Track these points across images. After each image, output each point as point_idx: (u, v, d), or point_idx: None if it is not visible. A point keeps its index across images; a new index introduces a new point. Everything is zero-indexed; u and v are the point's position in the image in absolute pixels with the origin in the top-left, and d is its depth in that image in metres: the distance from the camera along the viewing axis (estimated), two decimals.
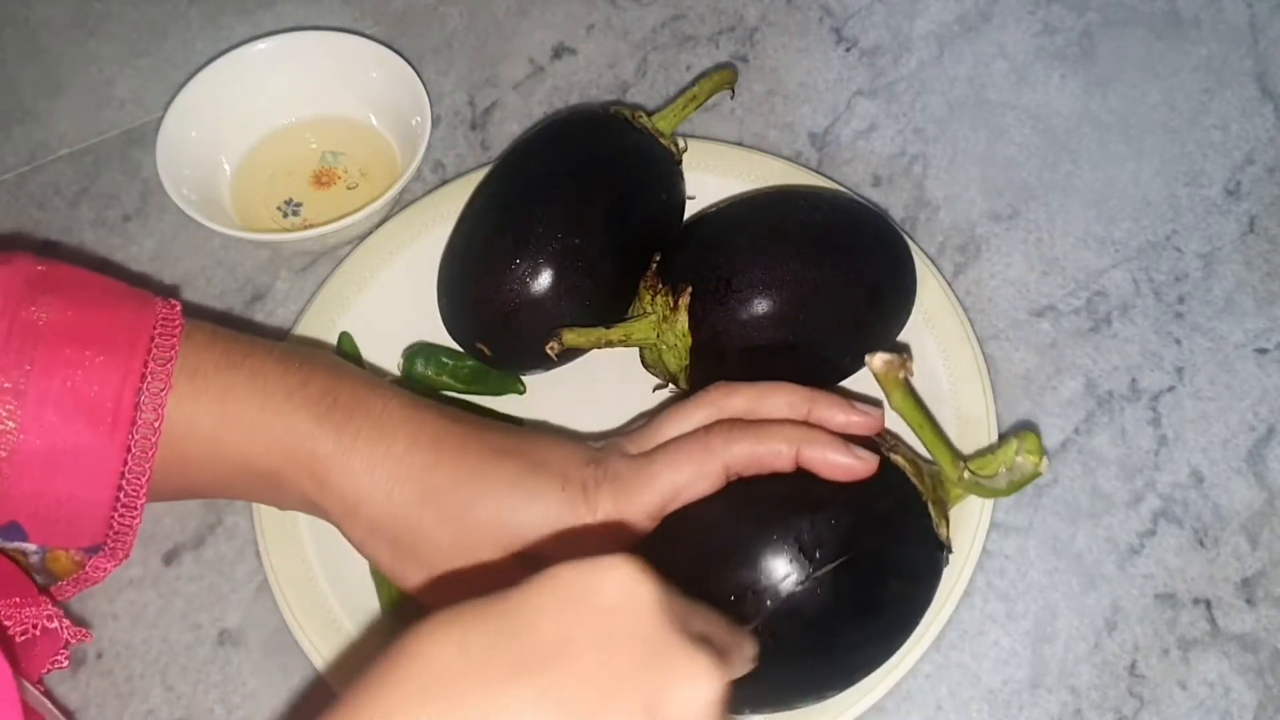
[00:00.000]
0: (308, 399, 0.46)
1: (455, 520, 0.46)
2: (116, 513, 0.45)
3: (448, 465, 0.47)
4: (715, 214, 0.59)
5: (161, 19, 0.78)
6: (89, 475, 0.44)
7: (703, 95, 0.62)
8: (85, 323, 0.44)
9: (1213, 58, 0.72)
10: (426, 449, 0.47)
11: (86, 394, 0.43)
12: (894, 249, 0.58)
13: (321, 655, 0.52)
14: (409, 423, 0.47)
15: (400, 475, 0.46)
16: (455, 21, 0.77)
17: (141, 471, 0.45)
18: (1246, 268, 0.65)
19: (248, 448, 0.46)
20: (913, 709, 0.53)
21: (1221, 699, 0.53)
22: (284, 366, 0.47)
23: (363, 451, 0.46)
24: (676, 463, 0.47)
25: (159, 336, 0.45)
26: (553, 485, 0.47)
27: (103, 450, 0.43)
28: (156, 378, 0.44)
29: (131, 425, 0.44)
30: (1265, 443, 0.59)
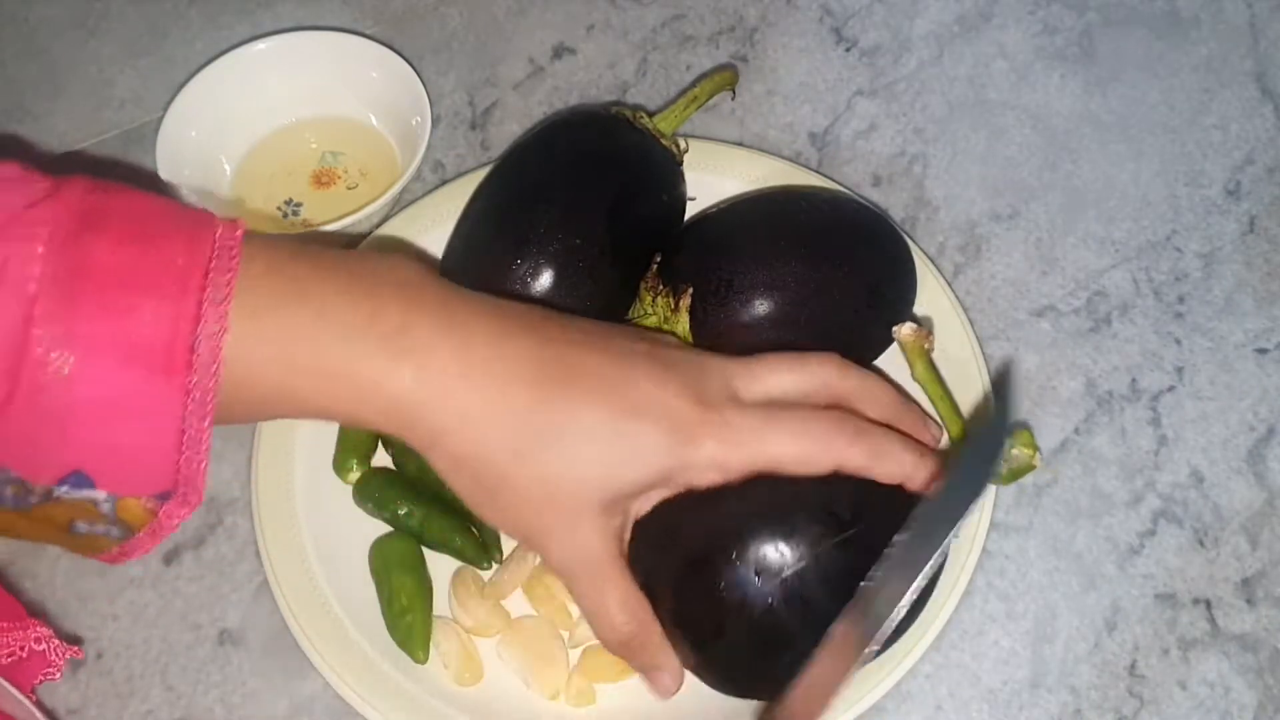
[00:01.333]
0: (381, 337, 0.43)
1: (551, 471, 0.44)
2: (182, 456, 0.43)
3: (543, 410, 0.44)
4: (715, 215, 0.59)
5: (161, 19, 0.78)
6: (149, 421, 0.41)
7: (704, 96, 0.62)
8: (136, 263, 0.41)
9: (1213, 58, 0.72)
10: (520, 390, 0.44)
11: (139, 339, 0.40)
12: (893, 249, 0.58)
13: (321, 655, 0.52)
14: (500, 359, 0.44)
15: (490, 417, 0.44)
16: (455, 21, 0.77)
17: (202, 415, 0.42)
18: (1246, 268, 0.65)
19: (318, 394, 0.43)
20: (913, 709, 0.53)
21: (1221, 699, 0.53)
22: (351, 298, 0.43)
23: (447, 389, 0.43)
24: (795, 438, 0.46)
25: (214, 273, 0.42)
26: (657, 432, 0.44)
27: (160, 396, 0.41)
28: (210, 320, 0.41)
29: (188, 370, 0.41)
30: (1265, 443, 0.59)
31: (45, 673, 0.52)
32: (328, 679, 0.52)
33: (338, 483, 0.58)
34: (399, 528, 0.57)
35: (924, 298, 0.60)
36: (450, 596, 0.55)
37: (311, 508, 0.57)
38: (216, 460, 0.61)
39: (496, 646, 0.54)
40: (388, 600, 0.54)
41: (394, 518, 0.56)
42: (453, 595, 0.55)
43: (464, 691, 0.53)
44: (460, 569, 0.56)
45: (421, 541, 0.56)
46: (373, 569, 0.56)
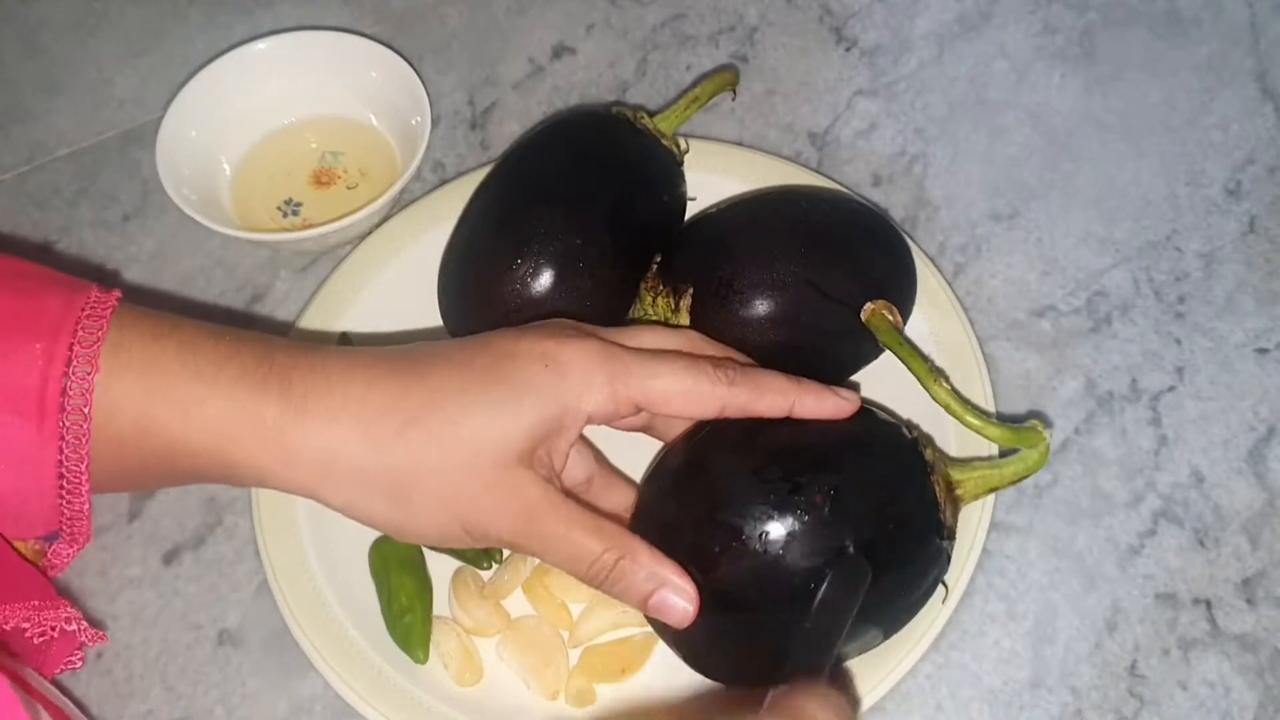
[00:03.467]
0: (242, 368, 0.43)
1: (447, 440, 0.43)
2: (63, 500, 0.43)
3: (416, 389, 0.44)
4: (715, 215, 0.59)
5: (161, 19, 0.78)
6: (25, 467, 0.42)
7: (705, 96, 0.62)
8: (9, 311, 0.42)
9: (1213, 57, 0.72)
10: (387, 382, 0.44)
11: (10, 384, 0.41)
12: (894, 248, 0.58)
13: (321, 655, 0.52)
14: (357, 367, 0.45)
15: (369, 415, 0.43)
16: (455, 21, 0.77)
17: (79, 459, 0.42)
18: (1247, 267, 0.65)
19: (183, 424, 0.43)
20: (913, 709, 0.53)
21: (1221, 699, 0.53)
22: (214, 339, 0.44)
23: (317, 407, 0.43)
24: (681, 375, 0.46)
25: (85, 319, 0.42)
26: (534, 368, 0.44)
27: (35, 440, 0.41)
28: (82, 361, 0.41)
29: (60, 413, 0.41)
30: (1265, 443, 0.59)
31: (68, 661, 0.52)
32: (328, 679, 0.52)
33: None
34: None
35: (924, 298, 0.60)
36: (450, 596, 0.55)
37: (312, 508, 0.56)
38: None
39: (496, 646, 0.54)
40: (388, 600, 0.54)
41: None
42: (453, 595, 0.55)
43: (464, 691, 0.53)
44: (460, 569, 0.56)
45: None
46: (373, 569, 0.55)
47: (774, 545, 0.44)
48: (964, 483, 0.49)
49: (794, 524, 0.45)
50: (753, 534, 0.45)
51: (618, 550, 0.44)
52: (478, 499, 0.44)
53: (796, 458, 0.46)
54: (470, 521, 0.45)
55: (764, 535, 0.45)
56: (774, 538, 0.44)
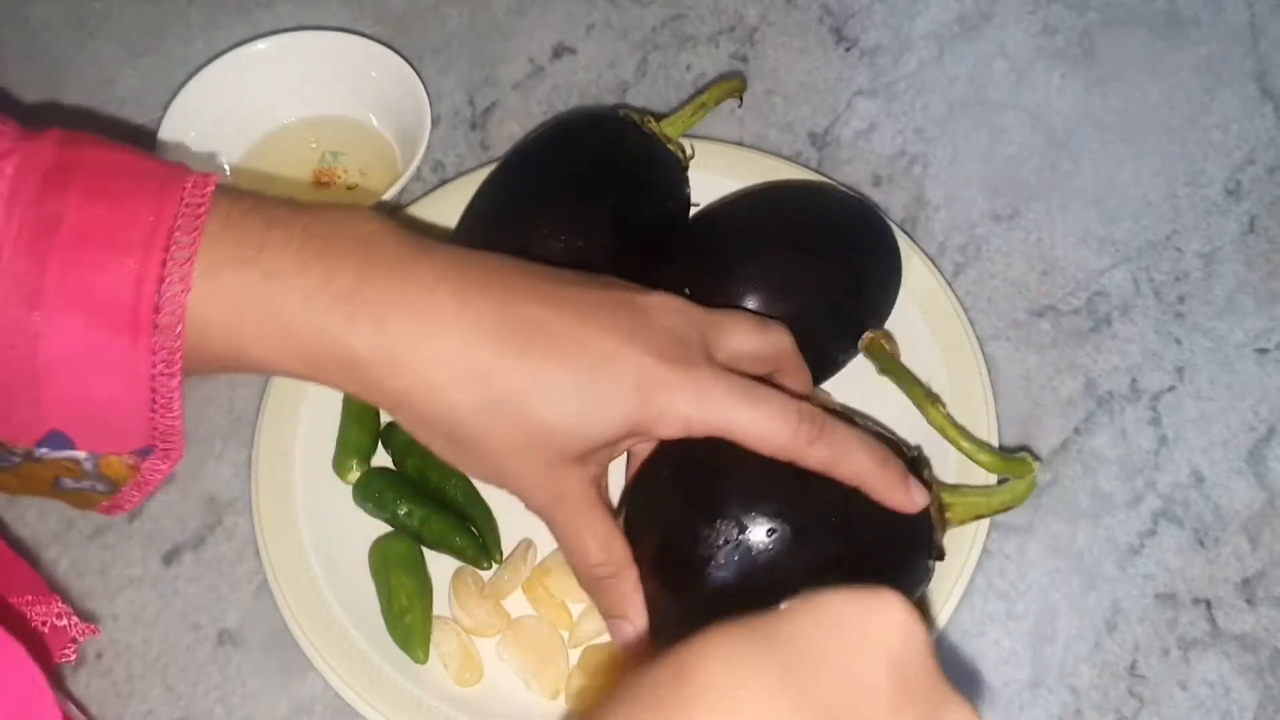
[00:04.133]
0: (332, 300, 0.42)
1: (517, 429, 0.44)
2: (156, 413, 0.42)
3: (508, 368, 0.43)
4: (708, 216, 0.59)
5: (161, 19, 0.78)
6: (119, 379, 0.41)
7: (712, 102, 0.62)
8: (103, 219, 0.41)
9: (1213, 58, 0.72)
10: (483, 346, 0.43)
11: (104, 298, 0.40)
12: (872, 233, 0.58)
13: (321, 655, 0.52)
14: (460, 316, 0.43)
15: (454, 378, 0.43)
16: (455, 21, 0.77)
17: (171, 374, 0.42)
18: (1247, 268, 0.65)
19: (272, 352, 0.43)
20: None
21: (1221, 699, 0.53)
22: (302, 260, 0.42)
23: (407, 352, 0.42)
24: (765, 415, 0.45)
25: (179, 231, 0.41)
26: (624, 387, 0.44)
27: (128, 355, 0.41)
28: (175, 279, 0.41)
29: (153, 329, 0.41)
30: (1265, 443, 0.59)
31: (61, 653, 0.52)
32: (328, 679, 0.52)
33: (338, 483, 0.58)
34: (399, 528, 0.57)
35: (924, 298, 0.60)
36: (450, 596, 0.55)
37: (311, 508, 0.57)
38: (216, 460, 0.61)
39: (496, 646, 0.54)
40: (388, 600, 0.54)
41: (394, 518, 0.56)
42: (453, 595, 0.55)
43: (464, 691, 0.53)
44: (460, 569, 0.56)
45: (421, 541, 0.56)
46: (373, 569, 0.55)
47: (763, 552, 0.46)
48: (954, 506, 0.50)
49: (782, 538, 0.46)
50: (745, 539, 0.46)
51: (611, 568, 0.47)
52: (524, 477, 0.46)
53: (797, 478, 0.46)
54: (509, 485, 0.46)
55: (755, 542, 0.46)
56: (764, 546, 0.46)
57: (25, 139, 0.42)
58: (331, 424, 0.59)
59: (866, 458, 0.46)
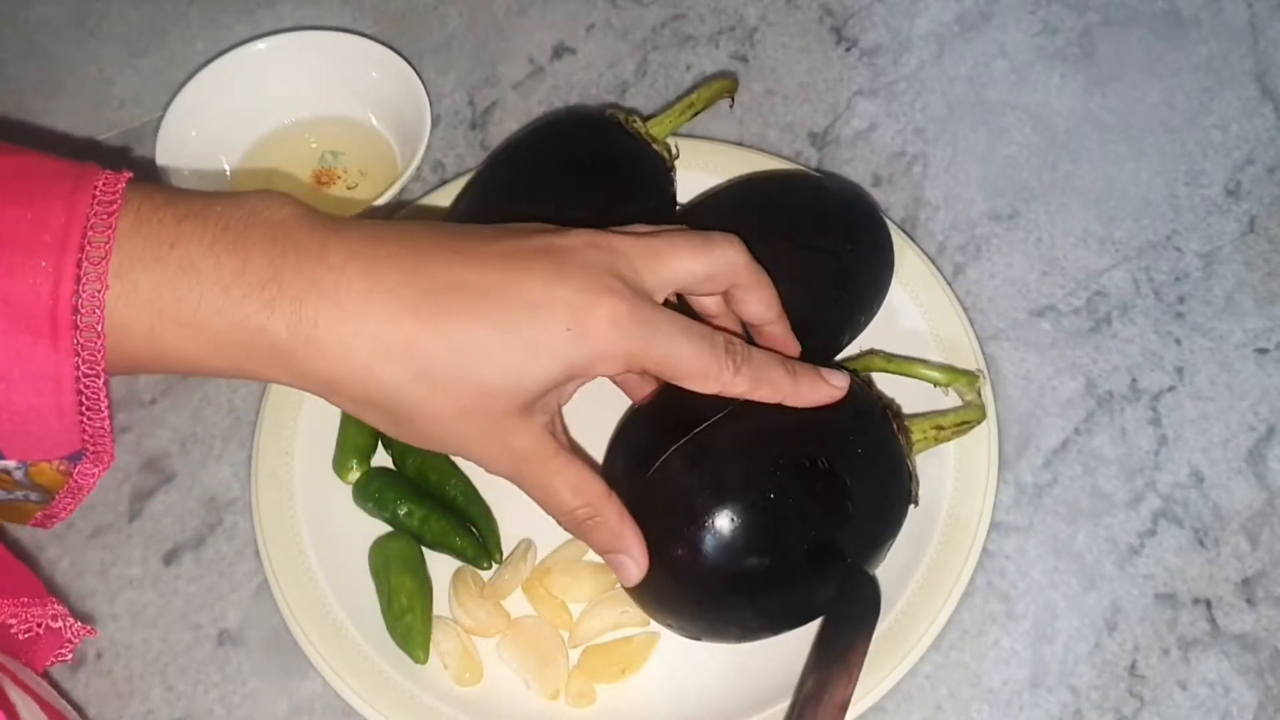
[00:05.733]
0: (247, 290, 0.41)
1: (453, 394, 0.43)
2: (84, 417, 0.42)
3: (430, 335, 0.42)
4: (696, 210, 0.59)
5: (161, 19, 0.78)
6: (43, 384, 0.41)
7: (700, 103, 0.62)
8: (12, 222, 0.40)
9: (1213, 58, 0.72)
10: (404, 319, 0.42)
11: (21, 302, 0.39)
12: (857, 215, 0.58)
13: (321, 655, 0.52)
14: (373, 292, 0.42)
15: (378, 354, 0.42)
16: (455, 21, 0.77)
17: (96, 375, 0.41)
18: (1246, 268, 0.65)
19: (195, 347, 0.42)
20: (913, 709, 0.53)
21: (1221, 699, 0.53)
22: (216, 253, 0.41)
23: (326, 334, 0.42)
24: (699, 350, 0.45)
25: (92, 230, 0.40)
26: (554, 329, 0.43)
27: (50, 358, 0.40)
28: (91, 279, 0.40)
29: (74, 330, 0.40)
30: (1265, 443, 0.59)
31: (58, 654, 0.52)
32: (328, 679, 0.52)
33: (338, 483, 0.58)
34: (399, 528, 0.57)
35: (924, 298, 0.60)
36: (450, 596, 0.55)
37: (311, 508, 0.57)
38: (216, 460, 0.61)
39: (496, 646, 0.54)
40: (388, 600, 0.54)
41: (394, 518, 0.56)
42: (453, 595, 0.55)
43: (464, 691, 0.53)
44: (460, 569, 0.56)
45: (421, 541, 0.56)
46: (373, 569, 0.56)
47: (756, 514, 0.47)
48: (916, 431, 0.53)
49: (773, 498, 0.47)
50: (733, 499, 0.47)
51: (590, 509, 0.46)
52: (473, 441, 0.45)
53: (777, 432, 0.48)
54: (461, 452, 0.46)
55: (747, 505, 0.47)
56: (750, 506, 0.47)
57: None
58: (331, 424, 0.59)
59: (781, 374, 0.48)
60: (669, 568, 0.47)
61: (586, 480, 0.46)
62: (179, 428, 0.62)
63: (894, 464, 0.50)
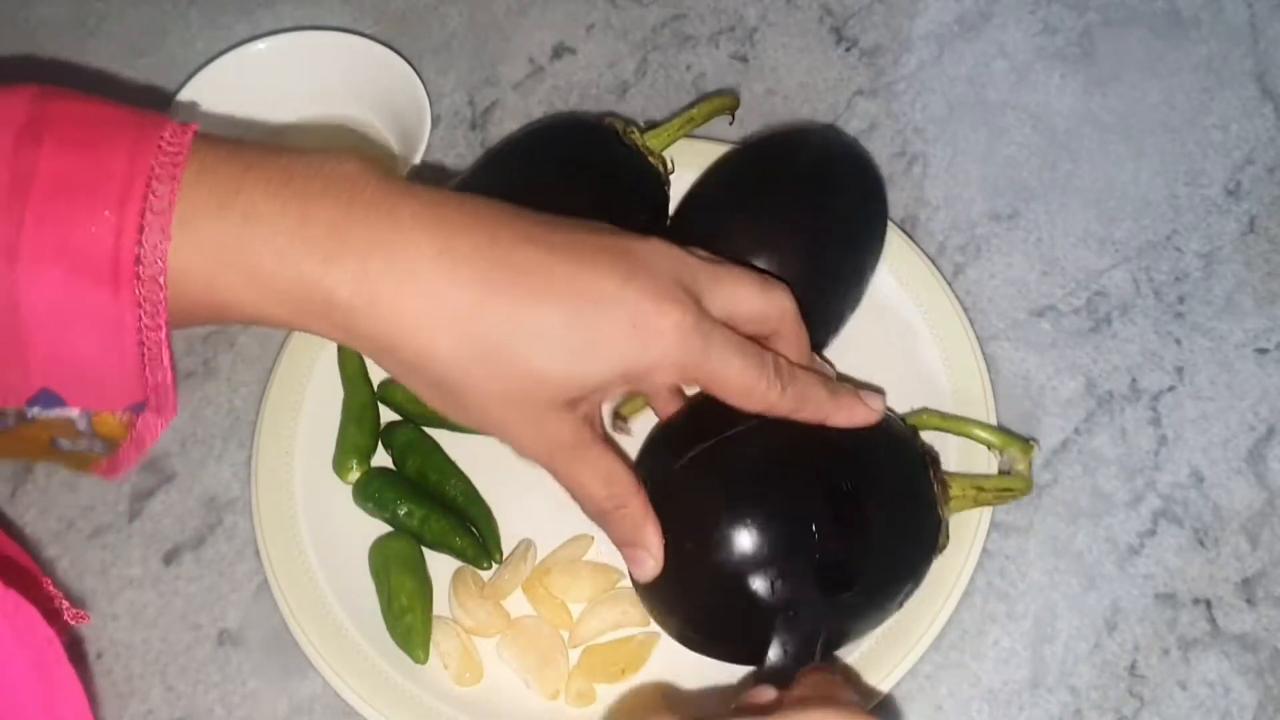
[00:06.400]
0: (310, 242, 0.41)
1: (506, 376, 0.43)
2: (145, 366, 0.41)
3: (495, 311, 0.42)
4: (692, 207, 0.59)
5: (161, 19, 0.78)
6: (105, 333, 0.40)
7: (700, 118, 0.62)
8: (76, 170, 0.40)
9: (1213, 58, 0.72)
10: (468, 288, 0.41)
11: (83, 250, 0.39)
12: (845, 169, 0.58)
13: (321, 655, 0.52)
14: (444, 257, 0.41)
15: (440, 323, 0.42)
16: (455, 21, 0.77)
17: (156, 326, 0.41)
18: (1246, 268, 0.65)
19: (255, 298, 0.42)
20: (913, 709, 0.53)
21: (1221, 699, 0.53)
22: (280, 201, 0.41)
23: (389, 295, 0.41)
24: (751, 369, 0.45)
25: (156, 180, 0.40)
26: (618, 329, 0.43)
27: (111, 307, 0.40)
28: (153, 230, 0.39)
29: (135, 280, 0.40)
30: (1265, 443, 0.59)
31: None
32: (328, 679, 0.52)
33: (338, 483, 0.58)
34: (399, 528, 0.57)
35: (924, 298, 0.60)
36: (450, 596, 0.55)
37: (311, 508, 0.57)
38: (216, 461, 0.61)
39: (496, 646, 0.54)
40: (388, 600, 0.54)
41: (394, 518, 0.56)
42: (453, 595, 0.55)
43: (464, 691, 0.53)
44: (460, 569, 0.56)
45: (421, 541, 0.56)
46: (373, 569, 0.56)
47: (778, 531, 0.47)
48: (955, 488, 0.52)
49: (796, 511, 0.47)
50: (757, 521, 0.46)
51: (617, 500, 0.46)
52: (511, 424, 0.45)
53: (808, 451, 0.48)
54: (498, 434, 0.45)
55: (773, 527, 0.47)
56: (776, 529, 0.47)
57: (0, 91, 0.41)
58: (331, 424, 0.59)
59: (823, 395, 0.48)
60: (678, 561, 0.47)
61: (617, 471, 0.46)
62: (179, 428, 0.62)
63: (924, 509, 0.50)
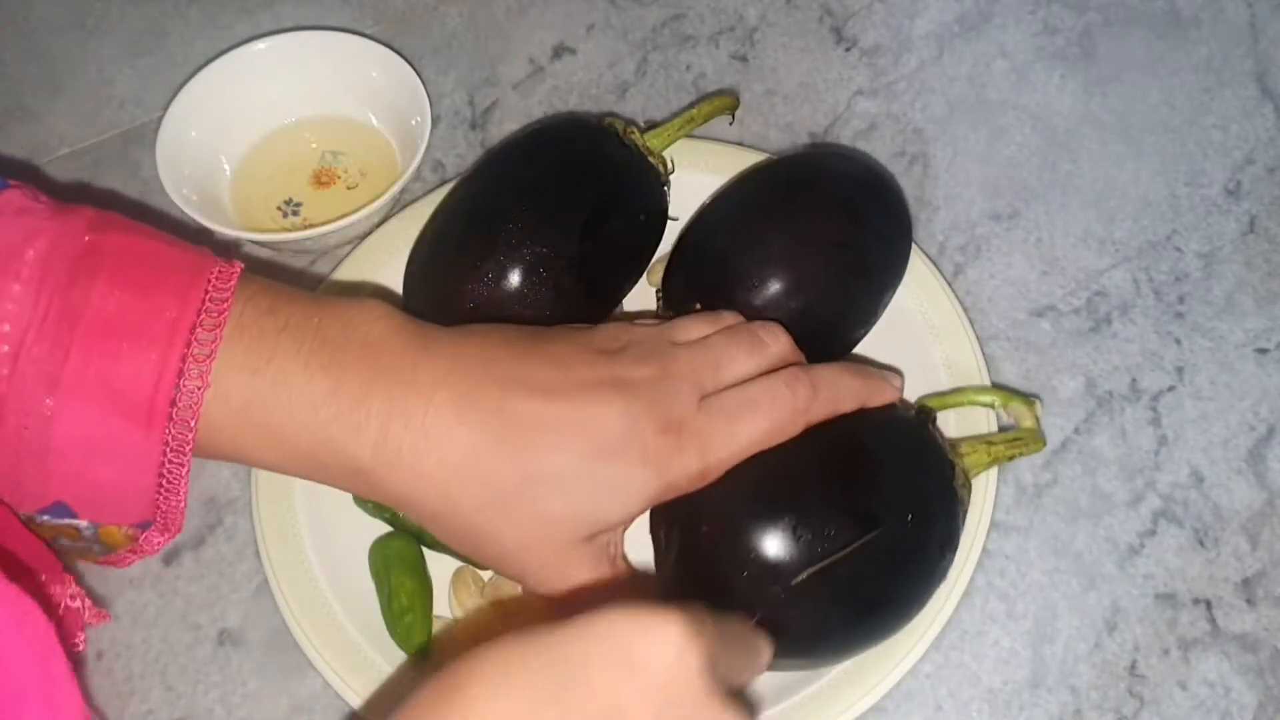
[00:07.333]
0: (337, 412, 0.44)
1: (526, 523, 0.45)
2: (160, 496, 0.44)
3: (511, 466, 0.44)
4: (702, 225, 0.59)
5: (161, 19, 0.78)
6: (129, 464, 0.43)
7: (700, 118, 0.62)
8: (126, 311, 0.42)
9: (1213, 58, 0.72)
10: (485, 450, 0.44)
11: (122, 388, 0.41)
12: (870, 196, 0.58)
13: (321, 655, 0.52)
14: (461, 425, 0.44)
15: (458, 482, 0.44)
16: (455, 21, 0.77)
17: (180, 463, 0.43)
18: (1246, 268, 0.65)
19: (275, 458, 0.45)
20: (913, 709, 0.53)
21: (1221, 699, 0.53)
22: (310, 370, 0.44)
23: (410, 460, 0.44)
24: (763, 419, 0.46)
25: (201, 329, 0.42)
26: (632, 469, 0.45)
27: (140, 443, 0.42)
28: (193, 375, 0.42)
29: (168, 421, 0.42)
30: (1265, 443, 0.59)
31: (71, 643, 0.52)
32: (328, 679, 0.52)
33: None
34: (399, 528, 0.57)
35: (924, 297, 0.60)
36: (450, 596, 0.55)
37: (311, 508, 0.57)
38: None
39: None
40: (388, 600, 0.54)
41: (394, 518, 0.56)
42: (453, 595, 0.55)
43: None
44: (460, 569, 0.56)
45: (421, 541, 0.56)
46: (373, 569, 0.55)
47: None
48: (970, 455, 0.52)
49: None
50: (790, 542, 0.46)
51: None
52: (532, 567, 0.46)
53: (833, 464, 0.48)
54: (517, 576, 0.48)
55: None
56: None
57: (57, 216, 0.43)
58: None
59: (854, 381, 0.49)
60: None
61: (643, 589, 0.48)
62: None
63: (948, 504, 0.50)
